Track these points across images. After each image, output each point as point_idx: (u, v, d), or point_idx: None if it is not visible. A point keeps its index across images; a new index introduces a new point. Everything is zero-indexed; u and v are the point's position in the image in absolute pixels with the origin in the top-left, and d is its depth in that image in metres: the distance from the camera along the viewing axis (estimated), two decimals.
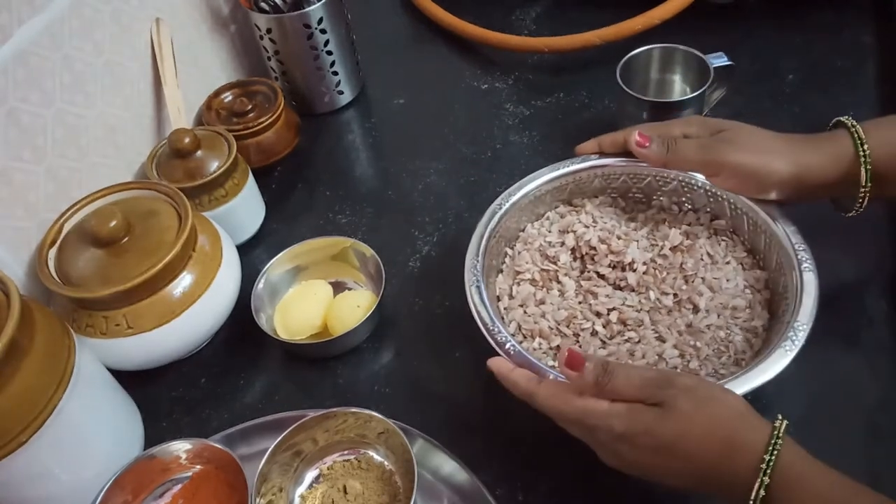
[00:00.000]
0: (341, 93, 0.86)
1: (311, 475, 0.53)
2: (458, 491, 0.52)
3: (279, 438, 0.50)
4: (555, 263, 0.60)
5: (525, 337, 0.56)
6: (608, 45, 0.81)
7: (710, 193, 0.60)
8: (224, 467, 0.52)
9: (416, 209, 0.74)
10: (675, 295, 0.57)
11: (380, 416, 0.51)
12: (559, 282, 0.59)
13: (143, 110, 0.73)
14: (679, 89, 0.74)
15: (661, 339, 0.54)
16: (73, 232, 0.59)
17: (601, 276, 0.59)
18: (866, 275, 0.61)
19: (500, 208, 0.60)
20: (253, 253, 0.72)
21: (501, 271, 0.61)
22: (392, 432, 0.51)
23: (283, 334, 0.63)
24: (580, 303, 0.57)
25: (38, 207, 0.60)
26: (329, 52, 0.81)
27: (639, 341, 0.54)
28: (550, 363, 0.53)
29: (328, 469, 0.53)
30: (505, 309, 0.58)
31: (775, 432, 0.40)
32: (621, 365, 0.45)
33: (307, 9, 0.77)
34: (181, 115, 0.71)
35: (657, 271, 0.58)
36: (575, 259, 0.61)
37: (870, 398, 0.54)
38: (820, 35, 0.83)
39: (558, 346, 0.55)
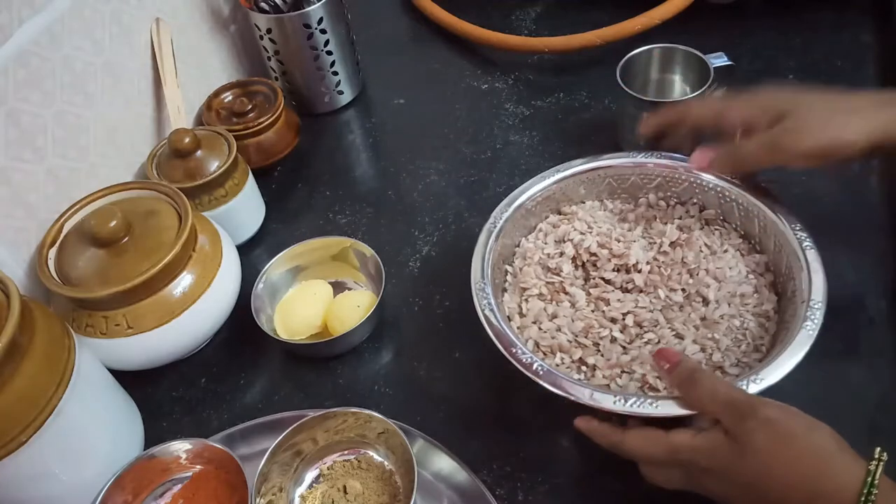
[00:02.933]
0: (341, 93, 0.86)
1: (311, 475, 0.53)
2: (458, 491, 0.52)
3: (279, 438, 0.50)
4: (558, 275, 0.59)
5: (545, 354, 0.55)
6: (608, 45, 0.81)
7: (695, 185, 0.60)
8: (224, 467, 0.52)
9: (416, 209, 0.74)
10: (684, 290, 0.57)
11: (380, 416, 0.51)
12: (567, 293, 0.58)
13: (143, 110, 0.73)
14: (679, 89, 0.74)
15: (680, 336, 0.54)
16: (73, 232, 0.59)
17: (607, 282, 0.58)
18: (866, 275, 0.61)
19: (495, 227, 0.59)
20: (253, 253, 0.72)
21: (506, 290, 0.60)
22: (392, 432, 0.51)
23: (283, 334, 0.63)
24: (593, 311, 0.57)
25: (38, 207, 0.60)
26: (329, 52, 0.81)
27: (658, 342, 0.54)
28: (576, 376, 0.53)
29: (328, 469, 0.53)
30: (519, 328, 0.57)
31: (869, 478, 0.37)
32: (710, 375, 0.44)
33: (307, 9, 0.77)
34: (181, 115, 0.71)
35: (661, 269, 0.58)
36: (577, 268, 0.60)
37: (870, 398, 0.54)
38: (820, 35, 0.83)
39: (580, 358, 0.54)
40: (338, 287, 0.67)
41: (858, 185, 0.67)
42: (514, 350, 0.50)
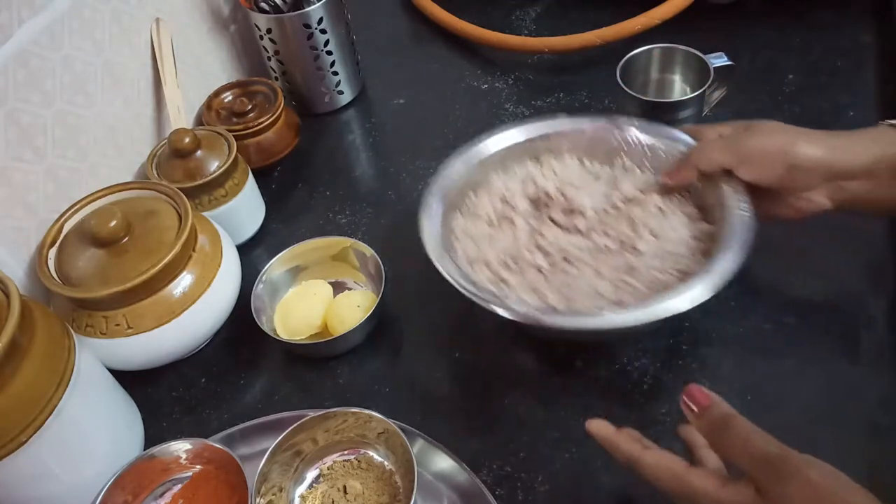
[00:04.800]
0: (341, 93, 0.86)
1: (311, 475, 0.53)
2: (458, 491, 0.52)
3: (279, 438, 0.50)
4: (513, 208, 0.62)
5: (472, 266, 0.58)
6: (608, 45, 0.81)
7: (672, 159, 0.61)
8: (224, 467, 0.52)
9: (416, 209, 0.74)
10: (622, 241, 0.59)
11: (380, 416, 0.51)
12: (513, 224, 0.61)
13: (143, 110, 0.73)
14: (679, 89, 0.74)
15: (599, 275, 0.56)
16: (73, 232, 0.59)
17: (554, 222, 0.61)
18: (866, 275, 0.61)
19: (470, 161, 0.63)
20: (253, 253, 0.72)
21: (461, 212, 0.64)
22: (392, 432, 0.51)
23: (283, 334, 0.63)
24: (529, 241, 0.60)
25: (38, 207, 0.60)
26: (329, 52, 0.81)
27: (578, 276, 0.57)
28: (492, 288, 0.56)
29: (328, 469, 0.53)
30: (457, 240, 0.60)
31: None
32: (744, 424, 0.40)
33: (307, 9, 0.77)
34: (181, 115, 0.71)
35: (607, 219, 0.60)
36: (533, 207, 0.63)
37: (870, 398, 0.54)
38: (820, 35, 0.83)
39: (504, 278, 0.57)
40: (338, 287, 0.67)
41: None
42: (440, 254, 0.55)
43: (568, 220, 0.60)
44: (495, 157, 0.64)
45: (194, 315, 0.58)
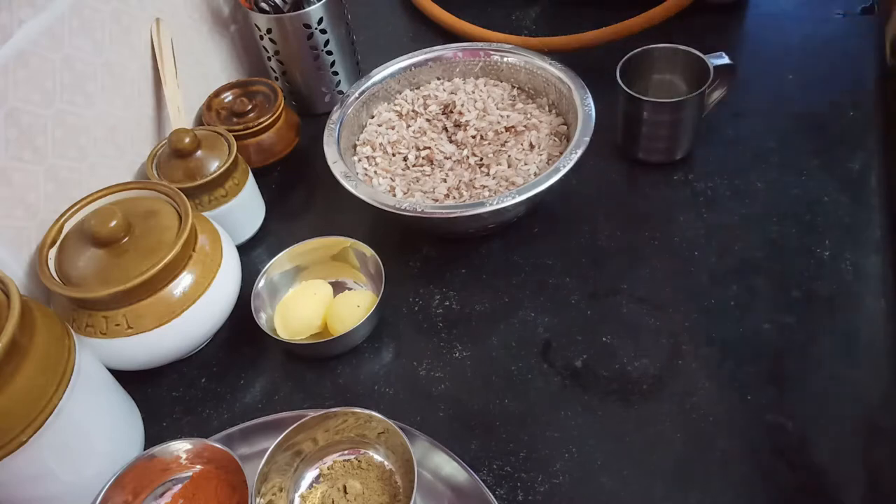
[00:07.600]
0: (341, 93, 0.86)
1: (311, 475, 0.53)
2: (458, 491, 0.52)
3: (279, 438, 0.50)
4: (425, 108, 0.73)
5: (363, 143, 0.72)
6: (608, 45, 0.81)
7: (588, 114, 0.66)
8: (224, 467, 0.52)
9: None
10: (480, 160, 0.68)
11: (380, 416, 0.51)
12: (415, 119, 0.73)
13: (143, 110, 0.73)
14: (679, 89, 0.74)
15: (444, 181, 0.66)
16: (73, 232, 0.59)
17: (445, 129, 0.72)
18: (866, 275, 0.61)
19: (386, 68, 0.75)
20: (253, 253, 0.72)
21: (388, 102, 0.76)
22: (392, 432, 0.51)
23: (283, 334, 0.63)
24: (413, 136, 0.71)
25: (38, 207, 0.60)
26: (329, 52, 0.81)
27: (430, 175, 0.68)
28: (365, 166, 0.70)
29: (328, 469, 0.53)
30: (368, 122, 0.74)
31: None
32: None
33: (307, 9, 0.77)
34: (181, 115, 0.71)
35: (483, 139, 0.70)
36: (441, 112, 0.73)
37: (870, 398, 0.54)
38: (819, 35, 0.83)
39: (374, 157, 0.70)
40: (338, 287, 0.67)
41: (858, 185, 0.67)
42: (333, 126, 0.69)
43: (454, 130, 0.71)
44: (407, 72, 0.75)
45: (194, 315, 0.58)
